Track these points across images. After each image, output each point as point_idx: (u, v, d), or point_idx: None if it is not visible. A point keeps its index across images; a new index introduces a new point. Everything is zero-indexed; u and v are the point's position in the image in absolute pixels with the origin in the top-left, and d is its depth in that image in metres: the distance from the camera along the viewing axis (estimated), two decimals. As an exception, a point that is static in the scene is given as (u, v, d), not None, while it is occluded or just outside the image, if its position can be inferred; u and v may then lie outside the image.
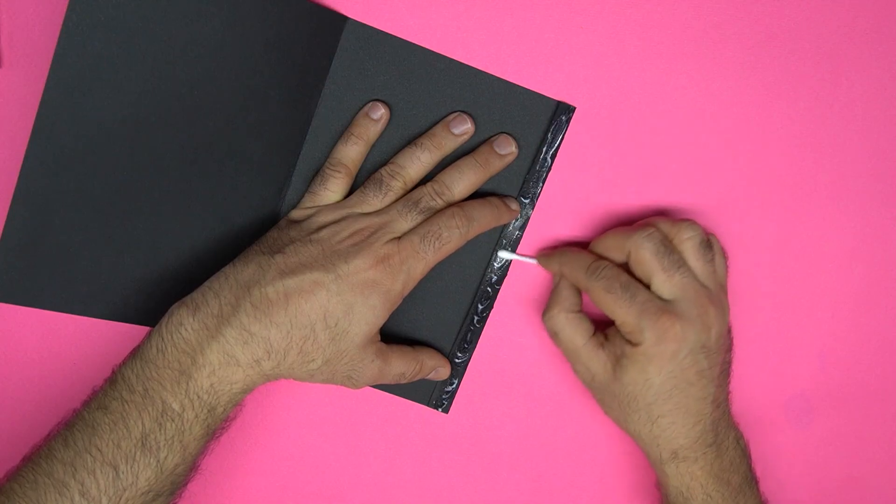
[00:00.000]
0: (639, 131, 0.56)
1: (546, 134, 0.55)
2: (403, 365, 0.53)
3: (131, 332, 0.56)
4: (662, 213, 0.57)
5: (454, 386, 0.58)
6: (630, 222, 0.56)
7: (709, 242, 0.53)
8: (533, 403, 0.59)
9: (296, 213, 0.53)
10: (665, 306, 0.50)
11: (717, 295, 0.52)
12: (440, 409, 0.58)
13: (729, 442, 0.53)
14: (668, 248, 0.51)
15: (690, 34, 0.55)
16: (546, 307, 0.54)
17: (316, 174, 0.54)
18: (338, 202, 0.53)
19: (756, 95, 0.56)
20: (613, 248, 0.53)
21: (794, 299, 0.58)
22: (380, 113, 0.54)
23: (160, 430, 0.47)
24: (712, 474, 0.52)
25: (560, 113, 0.55)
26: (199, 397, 0.47)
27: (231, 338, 0.47)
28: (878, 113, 0.56)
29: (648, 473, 0.59)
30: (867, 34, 0.56)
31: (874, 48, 0.56)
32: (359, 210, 0.52)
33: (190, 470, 0.49)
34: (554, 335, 0.54)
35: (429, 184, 0.53)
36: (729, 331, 0.54)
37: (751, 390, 0.59)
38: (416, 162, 0.53)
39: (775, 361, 0.59)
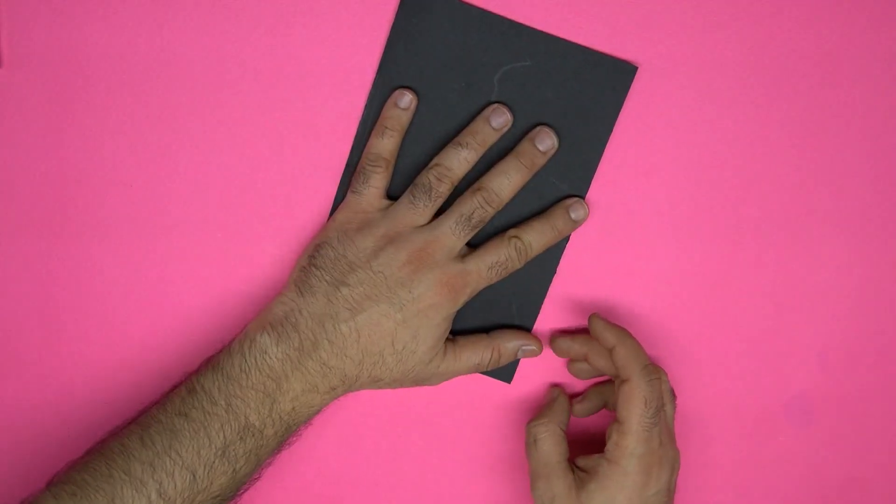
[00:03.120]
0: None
1: (624, 98, 0.55)
2: (476, 356, 0.55)
3: (132, 330, 0.56)
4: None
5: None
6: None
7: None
8: (535, 406, 0.59)
9: (343, 218, 0.54)
10: (661, 451, 0.51)
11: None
12: (503, 379, 0.58)
13: None
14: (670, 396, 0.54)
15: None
16: (538, 415, 0.55)
17: (355, 171, 0.54)
18: (386, 211, 0.53)
19: (756, 94, 0.56)
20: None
21: (794, 299, 0.58)
22: (407, 100, 0.54)
23: (241, 442, 0.49)
24: None
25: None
26: (280, 418, 0.50)
27: (312, 370, 0.50)
28: (879, 113, 0.56)
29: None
30: (867, 34, 0.56)
31: (874, 48, 0.56)
32: (410, 223, 0.52)
33: (255, 479, 0.52)
34: (532, 443, 0.54)
35: (477, 193, 0.53)
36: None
37: (751, 390, 0.59)
38: (463, 163, 0.54)
39: (775, 361, 0.59)
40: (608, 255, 0.57)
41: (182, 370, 0.56)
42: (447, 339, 0.54)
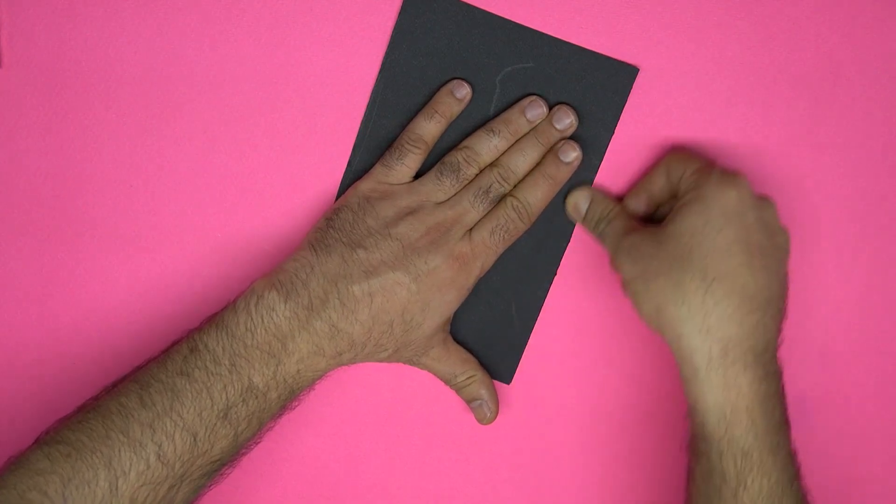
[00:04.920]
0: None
1: (626, 100, 0.55)
2: (458, 367, 0.55)
3: (132, 330, 0.56)
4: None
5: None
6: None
7: None
8: (534, 406, 0.59)
9: (366, 188, 0.53)
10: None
11: None
12: (502, 380, 0.58)
13: (775, 372, 0.49)
14: None
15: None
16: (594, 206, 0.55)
17: (391, 146, 0.54)
18: (411, 185, 0.53)
19: (757, 96, 0.56)
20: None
21: (794, 299, 0.58)
22: (464, 92, 0.54)
23: (243, 404, 0.48)
24: (759, 397, 0.48)
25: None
26: (284, 381, 0.49)
27: (320, 331, 0.49)
28: (879, 112, 0.56)
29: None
30: (868, 35, 0.56)
31: (875, 49, 0.56)
32: (433, 199, 0.53)
33: (254, 443, 0.51)
34: (606, 224, 0.54)
35: (494, 170, 0.53)
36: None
37: (751, 390, 0.59)
38: (493, 150, 0.54)
39: (775, 361, 0.59)
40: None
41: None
42: (448, 336, 0.55)
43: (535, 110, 0.54)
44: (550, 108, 0.55)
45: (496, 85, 0.55)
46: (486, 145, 0.54)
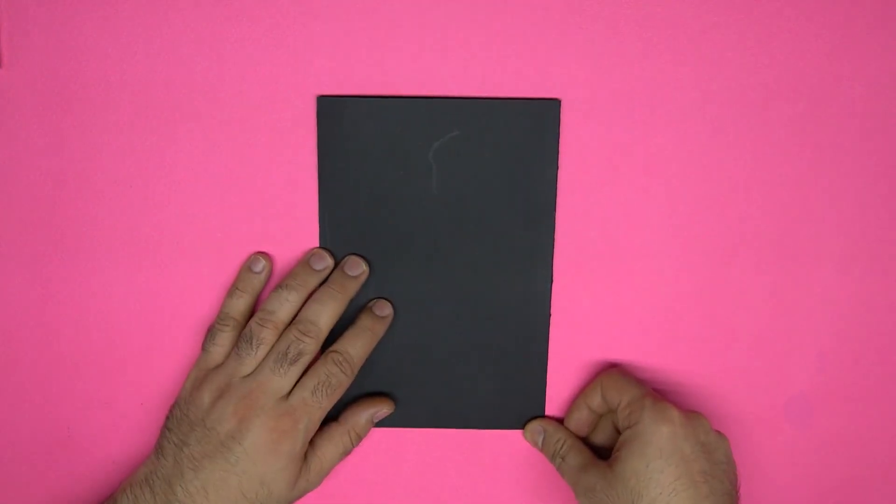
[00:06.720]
0: (630, 124, 0.56)
1: (558, 134, 0.55)
2: (337, 447, 0.55)
3: (132, 332, 0.56)
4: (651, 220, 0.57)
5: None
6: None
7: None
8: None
9: (192, 377, 0.55)
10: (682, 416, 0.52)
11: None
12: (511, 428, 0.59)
13: None
14: None
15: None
16: (551, 436, 0.57)
17: (207, 331, 0.55)
18: (219, 367, 0.54)
19: (755, 92, 0.56)
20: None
21: (794, 299, 0.58)
22: (261, 265, 0.55)
23: None
24: None
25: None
26: None
27: None
28: (878, 112, 0.56)
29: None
30: (867, 34, 0.56)
31: (874, 47, 0.56)
32: (237, 374, 0.53)
33: None
34: (561, 460, 0.56)
35: (293, 328, 0.53)
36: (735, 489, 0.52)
37: (751, 390, 0.59)
38: (286, 304, 0.54)
39: (775, 361, 0.59)
40: (604, 256, 0.57)
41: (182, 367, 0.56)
42: (308, 458, 0.54)
43: (320, 262, 0.55)
44: (486, 169, 0.55)
45: (431, 163, 0.55)
46: (277, 301, 0.54)
